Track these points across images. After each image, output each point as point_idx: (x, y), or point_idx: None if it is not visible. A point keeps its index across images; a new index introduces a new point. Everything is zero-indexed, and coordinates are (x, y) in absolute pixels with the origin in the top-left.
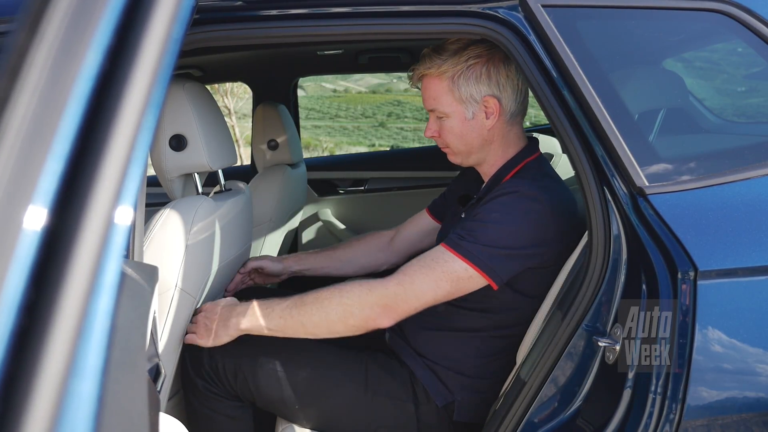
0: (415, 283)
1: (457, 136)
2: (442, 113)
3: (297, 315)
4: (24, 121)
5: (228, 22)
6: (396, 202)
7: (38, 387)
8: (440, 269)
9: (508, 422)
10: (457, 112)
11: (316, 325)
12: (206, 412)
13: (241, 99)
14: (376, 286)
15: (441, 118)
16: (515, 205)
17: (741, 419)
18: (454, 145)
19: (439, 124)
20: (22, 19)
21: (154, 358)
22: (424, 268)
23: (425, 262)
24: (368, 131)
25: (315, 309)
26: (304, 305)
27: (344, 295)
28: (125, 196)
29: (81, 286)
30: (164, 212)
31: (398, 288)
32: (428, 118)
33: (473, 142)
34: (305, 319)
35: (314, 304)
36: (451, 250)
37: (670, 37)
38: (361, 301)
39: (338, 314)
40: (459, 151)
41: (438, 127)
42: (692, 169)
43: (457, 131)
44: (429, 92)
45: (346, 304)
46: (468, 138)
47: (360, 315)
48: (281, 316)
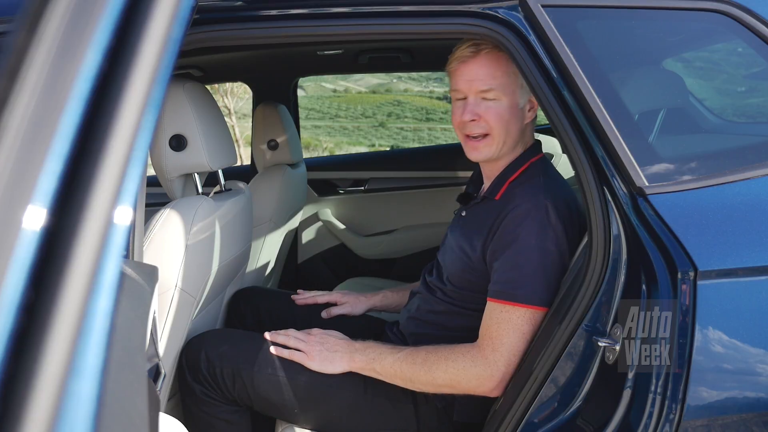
0: (506, 343)
1: (504, 121)
2: (498, 95)
3: (407, 371)
4: (23, 121)
5: (228, 22)
6: (396, 202)
7: (38, 387)
8: (517, 322)
9: (508, 422)
10: (512, 97)
11: (424, 384)
12: (204, 417)
13: (241, 99)
14: (477, 358)
15: (490, 100)
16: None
17: (741, 419)
18: (498, 130)
19: (484, 106)
20: (21, 20)
21: (154, 358)
22: (504, 323)
23: (503, 318)
24: (368, 131)
25: (423, 371)
26: (414, 364)
27: (450, 365)
28: (125, 196)
29: (80, 286)
30: (164, 212)
31: (495, 354)
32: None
33: (513, 132)
34: (414, 377)
35: (423, 366)
36: (513, 304)
37: (670, 37)
38: (468, 374)
39: (444, 381)
40: (497, 140)
41: (482, 111)
42: (692, 169)
43: (505, 117)
44: (489, 69)
45: (453, 374)
46: (510, 127)
47: (467, 386)
48: (392, 366)
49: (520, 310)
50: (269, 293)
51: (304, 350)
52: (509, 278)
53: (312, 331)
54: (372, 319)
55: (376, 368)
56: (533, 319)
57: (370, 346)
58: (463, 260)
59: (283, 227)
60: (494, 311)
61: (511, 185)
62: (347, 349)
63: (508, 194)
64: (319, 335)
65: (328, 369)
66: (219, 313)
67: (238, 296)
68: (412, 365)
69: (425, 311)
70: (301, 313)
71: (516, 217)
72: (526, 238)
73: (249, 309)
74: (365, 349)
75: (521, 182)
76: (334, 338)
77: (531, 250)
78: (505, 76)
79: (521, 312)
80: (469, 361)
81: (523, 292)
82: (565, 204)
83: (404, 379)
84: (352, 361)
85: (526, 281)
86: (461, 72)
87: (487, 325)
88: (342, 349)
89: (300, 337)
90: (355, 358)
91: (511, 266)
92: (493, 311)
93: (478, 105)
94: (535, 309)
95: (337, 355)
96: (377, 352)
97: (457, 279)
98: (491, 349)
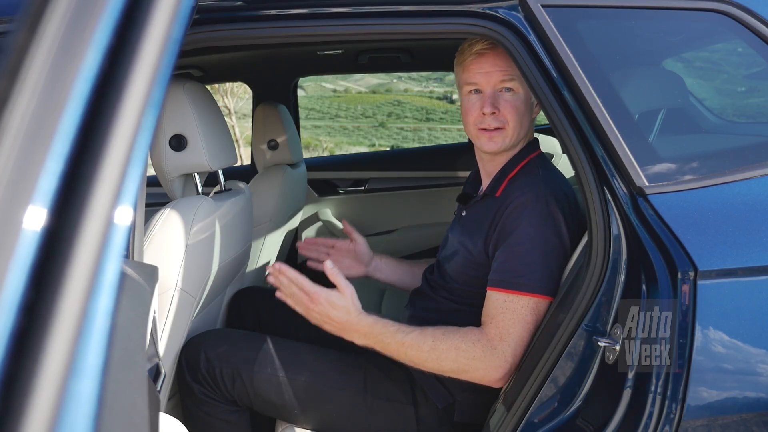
0: (512, 333)
1: (520, 114)
2: (517, 86)
3: (412, 356)
4: (24, 121)
5: (228, 22)
6: (396, 202)
7: (38, 387)
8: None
9: (508, 422)
10: (527, 91)
11: (430, 369)
12: (203, 417)
13: (241, 99)
14: (487, 348)
15: (508, 92)
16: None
17: (741, 419)
18: (513, 123)
19: (502, 99)
20: (21, 19)
21: (154, 358)
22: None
23: (507, 307)
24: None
25: (431, 358)
26: (421, 351)
27: (460, 355)
28: (125, 196)
29: (81, 286)
30: (164, 212)
31: (503, 343)
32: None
33: (525, 125)
34: (419, 362)
35: (431, 353)
36: (516, 293)
37: (670, 37)
38: (476, 364)
39: (451, 368)
40: (511, 132)
41: (501, 104)
42: (692, 169)
43: (520, 110)
44: (508, 61)
45: (462, 363)
46: (523, 120)
47: (473, 375)
48: (397, 350)
49: (524, 299)
50: (270, 293)
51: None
52: (511, 267)
53: (318, 298)
54: None
55: (382, 350)
56: (537, 309)
57: (373, 328)
58: (465, 256)
59: (283, 227)
60: (497, 300)
61: (510, 181)
62: (346, 329)
63: (508, 189)
64: (321, 307)
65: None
66: (219, 313)
67: (239, 296)
68: (419, 352)
69: (428, 310)
70: None
71: (516, 208)
72: (526, 228)
73: (249, 309)
74: (367, 334)
75: (520, 177)
76: (336, 314)
77: (532, 239)
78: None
79: (525, 301)
80: (479, 350)
81: (525, 281)
82: (564, 195)
83: (407, 361)
84: (357, 323)
85: (528, 270)
86: (479, 64)
87: (491, 314)
88: (339, 331)
89: (303, 300)
90: (354, 338)
91: (513, 255)
92: (496, 300)
93: (497, 98)
94: (538, 298)
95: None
96: (379, 338)
97: (460, 275)
98: (499, 339)
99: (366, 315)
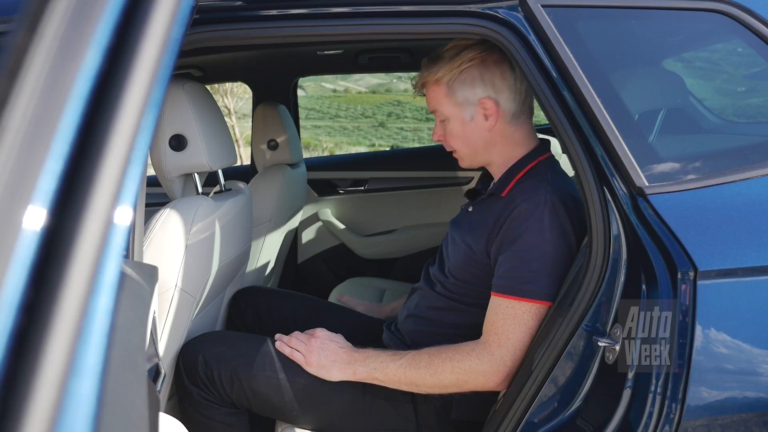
0: (512, 339)
1: (460, 138)
2: (444, 117)
3: (412, 376)
4: (23, 121)
5: (228, 22)
6: (396, 202)
7: (38, 387)
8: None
9: (508, 422)
10: (456, 115)
11: (431, 387)
12: (202, 420)
13: (241, 99)
14: (483, 354)
15: (444, 122)
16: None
17: (741, 419)
18: (459, 147)
19: (443, 127)
20: (21, 19)
21: (154, 358)
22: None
23: (509, 313)
24: (368, 131)
25: (429, 375)
26: (419, 368)
27: (456, 366)
28: (125, 196)
29: (80, 286)
30: (164, 212)
31: (501, 349)
32: (427, 119)
33: (476, 143)
34: (419, 382)
35: (428, 369)
36: (520, 299)
37: (670, 37)
38: (474, 372)
39: (451, 381)
40: (464, 154)
41: (443, 131)
42: (692, 169)
43: (458, 133)
44: (430, 99)
45: (459, 374)
46: (470, 140)
47: (474, 384)
48: (395, 374)
49: (527, 305)
50: (270, 293)
51: (303, 353)
52: (516, 273)
53: (316, 333)
54: (371, 320)
55: (378, 377)
56: (539, 314)
57: (370, 356)
58: (467, 253)
59: (283, 227)
60: (500, 306)
61: (518, 182)
62: (347, 359)
63: (514, 191)
64: (321, 341)
65: (324, 376)
66: (219, 313)
67: (239, 296)
68: (417, 370)
69: (424, 308)
70: (302, 313)
71: (523, 212)
72: (532, 234)
73: (249, 309)
74: (366, 360)
75: (528, 179)
76: (336, 345)
77: (538, 245)
78: (442, 99)
79: (527, 307)
80: (475, 359)
81: (529, 287)
82: (572, 200)
83: (409, 384)
84: (353, 374)
85: (532, 276)
86: None
87: (492, 320)
88: (341, 360)
89: (302, 339)
90: (357, 370)
91: (518, 261)
92: (499, 306)
93: (440, 127)
94: (540, 303)
95: (335, 366)
96: (378, 361)
97: (460, 272)
98: (497, 345)
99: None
